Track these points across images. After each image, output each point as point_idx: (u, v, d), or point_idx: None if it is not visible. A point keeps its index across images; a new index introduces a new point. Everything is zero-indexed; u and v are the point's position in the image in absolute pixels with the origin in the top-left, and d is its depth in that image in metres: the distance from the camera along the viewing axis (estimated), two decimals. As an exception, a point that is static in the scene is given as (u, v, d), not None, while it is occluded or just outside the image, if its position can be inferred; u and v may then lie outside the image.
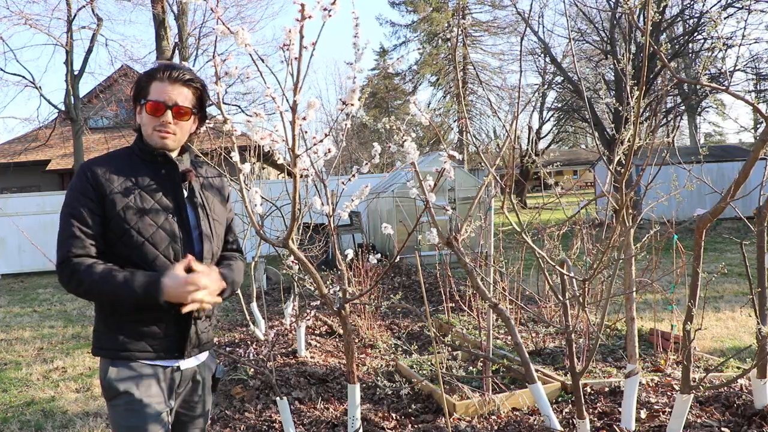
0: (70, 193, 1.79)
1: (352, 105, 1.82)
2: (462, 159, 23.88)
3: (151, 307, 1.73)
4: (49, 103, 16.74)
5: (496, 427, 3.23)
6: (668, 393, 3.54)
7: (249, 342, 5.31)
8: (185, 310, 1.71)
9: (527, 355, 2.97)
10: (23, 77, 16.78)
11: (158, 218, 1.79)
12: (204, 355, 1.94)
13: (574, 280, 2.92)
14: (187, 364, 1.87)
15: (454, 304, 5.73)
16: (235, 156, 1.94)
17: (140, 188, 1.80)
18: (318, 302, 6.23)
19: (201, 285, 1.71)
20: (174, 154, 1.88)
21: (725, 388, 3.42)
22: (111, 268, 1.72)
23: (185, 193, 1.87)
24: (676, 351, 4.26)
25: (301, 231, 5.58)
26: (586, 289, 2.61)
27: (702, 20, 16.13)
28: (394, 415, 3.52)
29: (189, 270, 1.74)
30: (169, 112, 1.80)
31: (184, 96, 1.82)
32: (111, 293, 1.70)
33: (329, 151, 1.91)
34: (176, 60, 15.83)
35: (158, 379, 1.80)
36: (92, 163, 1.82)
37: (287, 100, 1.70)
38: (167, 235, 1.79)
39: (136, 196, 1.79)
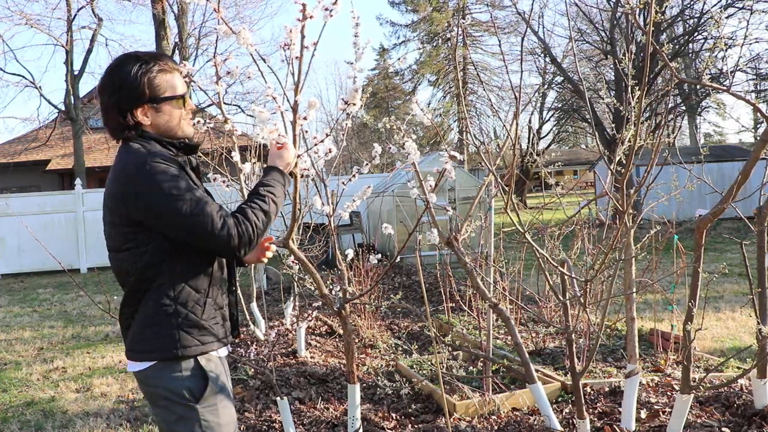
0: (167, 181, 1.59)
1: (354, 105, 1.82)
2: (462, 159, 23.89)
3: (223, 290, 1.78)
4: (49, 103, 16.81)
5: (496, 427, 3.23)
6: (668, 393, 3.54)
7: (249, 342, 5.30)
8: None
9: (527, 355, 2.97)
10: (23, 77, 16.84)
11: None
12: None
13: (574, 280, 2.92)
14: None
15: (454, 304, 5.72)
16: (236, 156, 1.94)
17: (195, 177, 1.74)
18: (319, 302, 6.23)
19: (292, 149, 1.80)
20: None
21: (725, 388, 3.42)
22: (250, 198, 1.69)
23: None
24: (676, 351, 4.26)
25: (301, 231, 5.58)
26: (587, 289, 2.61)
27: (702, 20, 16.13)
28: (394, 415, 3.52)
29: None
30: (190, 101, 1.79)
31: None
32: (272, 214, 1.70)
33: (330, 151, 1.90)
34: (176, 59, 15.83)
35: (226, 368, 1.80)
36: (158, 156, 1.64)
37: (288, 100, 1.70)
38: None
39: (198, 185, 1.72)
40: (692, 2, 17.13)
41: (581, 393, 2.73)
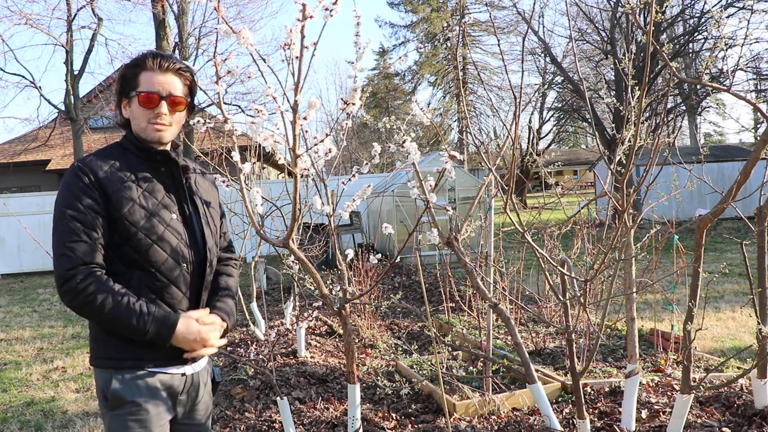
0: (67, 193, 1.63)
1: (353, 105, 1.81)
2: (462, 159, 23.90)
3: (165, 306, 1.72)
4: (49, 103, 16.75)
5: (496, 427, 3.23)
6: (668, 393, 3.54)
7: (249, 342, 5.31)
8: (186, 356, 1.74)
9: (527, 355, 2.97)
10: (23, 77, 16.81)
11: (165, 219, 1.71)
12: (204, 360, 1.88)
13: (574, 280, 2.92)
14: (191, 369, 1.81)
15: (454, 304, 5.72)
16: (236, 156, 1.93)
17: (143, 188, 1.70)
18: (319, 302, 6.23)
19: (210, 343, 1.74)
20: (167, 148, 1.81)
21: (725, 388, 3.42)
22: (127, 293, 1.62)
23: (185, 190, 1.82)
24: (676, 351, 4.25)
25: (301, 231, 5.58)
26: (588, 289, 2.61)
27: (702, 20, 16.14)
28: (394, 415, 3.52)
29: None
30: (164, 103, 1.72)
31: (176, 85, 1.75)
32: (120, 321, 1.61)
33: (330, 151, 1.90)
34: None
35: (164, 387, 1.73)
36: (89, 161, 1.68)
37: (288, 100, 1.70)
38: (174, 236, 1.72)
39: (141, 195, 1.69)
40: (692, 2, 17.14)
41: (581, 393, 2.73)
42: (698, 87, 15.58)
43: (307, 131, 1.95)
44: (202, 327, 1.72)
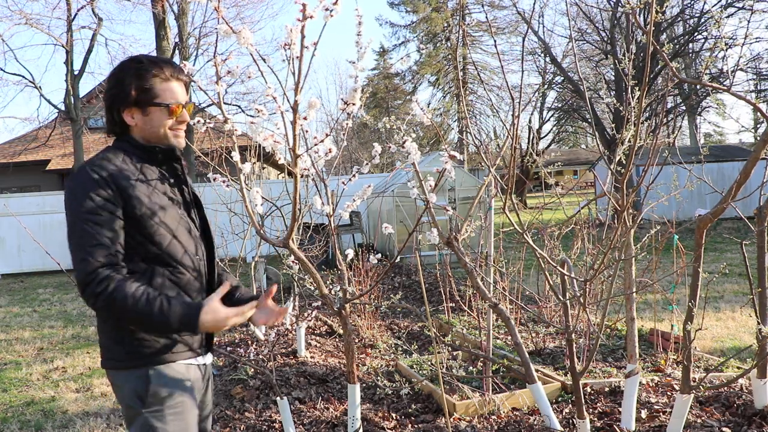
0: (81, 195, 1.61)
1: (353, 105, 1.82)
2: (462, 159, 23.90)
3: (195, 298, 1.74)
4: (49, 103, 16.73)
5: (496, 427, 3.23)
6: (668, 393, 3.54)
7: (249, 342, 5.31)
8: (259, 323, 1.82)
9: (527, 355, 2.97)
10: (23, 77, 16.78)
11: (176, 213, 1.75)
12: (209, 355, 1.92)
13: (574, 280, 2.92)
14: (208, 359, 1.86)
15: (454, 304, 5.72)
16: (236, 156, 1.93)
17: (152, 185, 1.73)
18: (319, 302, 6.23)
19: (239, 319, 1.71)
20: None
21: (725, 388, 3.42)
22: (147, 291, 1.59)
23: (189, 187, 1.87)
24: (676, 351, 4.26)
25: (301, 231, 5.58)
26: (587, 289, 2.61)
27: (702, 20, 16.14)
28: (394, 415, 3.52)
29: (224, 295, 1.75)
30: (185, 112, 1.77)
31: (186, 92, 1.81)
32: (143, 315, 1.58)
33: (330, 151, 1.90)
34: (176, 60, 15.78)
35: (193, 378, 1.76)
36: (98, 161, 1.68)
37: (288, 100, 1.70)
38: (186, 230, 1.77)
39: (153, 192, 1.71)
40: (692, 2, 17.15)
41: (581, 393, 2.73)
42: (698, 87, 15.59)
43: (307, 131, 1.95)
44: (228, 313, 1.67)
